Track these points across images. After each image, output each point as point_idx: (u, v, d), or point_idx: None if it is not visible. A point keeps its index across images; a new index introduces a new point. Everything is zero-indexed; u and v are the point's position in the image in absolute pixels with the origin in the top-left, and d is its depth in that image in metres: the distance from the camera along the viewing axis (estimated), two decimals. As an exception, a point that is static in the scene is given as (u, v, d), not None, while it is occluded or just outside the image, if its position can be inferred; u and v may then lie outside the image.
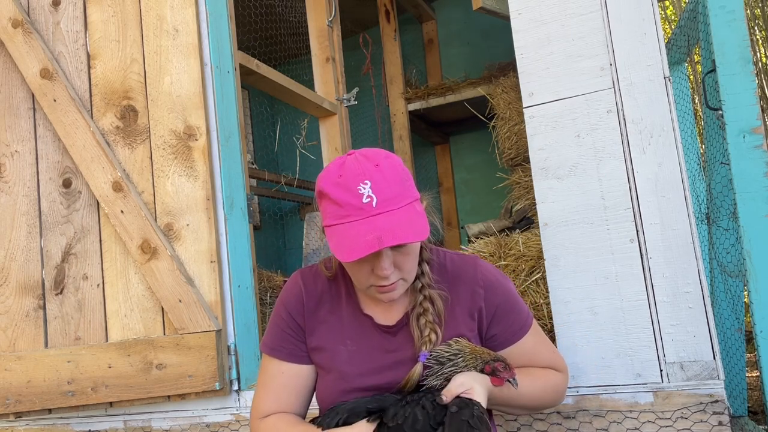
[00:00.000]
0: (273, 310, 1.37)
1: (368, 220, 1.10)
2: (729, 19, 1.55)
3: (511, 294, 1.33)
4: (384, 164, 1.14)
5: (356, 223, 1.10)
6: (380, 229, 1.08)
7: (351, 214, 1.11)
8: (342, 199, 1.11)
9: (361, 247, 1.08)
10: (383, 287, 1.18)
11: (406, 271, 1.19)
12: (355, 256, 1.08)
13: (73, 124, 2.01)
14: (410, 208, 1.14)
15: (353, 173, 1.12)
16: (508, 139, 3.31)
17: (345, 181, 1.12)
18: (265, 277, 2.98)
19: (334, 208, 1.13)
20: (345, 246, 1.10)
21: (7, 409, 1.97)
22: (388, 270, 1.15)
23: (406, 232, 1.09)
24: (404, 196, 1.14)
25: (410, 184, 1.18)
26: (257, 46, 3.72)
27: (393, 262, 1.16)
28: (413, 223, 1.11)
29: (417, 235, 1.10)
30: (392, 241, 1.07)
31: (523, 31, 1.70)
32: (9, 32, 2.09)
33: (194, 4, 1.97)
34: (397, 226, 1.09)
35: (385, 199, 1.11)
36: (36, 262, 2.04)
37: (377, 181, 1.11)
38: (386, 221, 1.09)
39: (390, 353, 1.27)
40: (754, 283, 1.50)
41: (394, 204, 1.12)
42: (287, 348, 1.32)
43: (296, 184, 3.72)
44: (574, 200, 1.61)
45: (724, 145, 1.60)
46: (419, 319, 1.25)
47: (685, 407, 1.47)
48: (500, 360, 1.20)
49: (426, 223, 1.14)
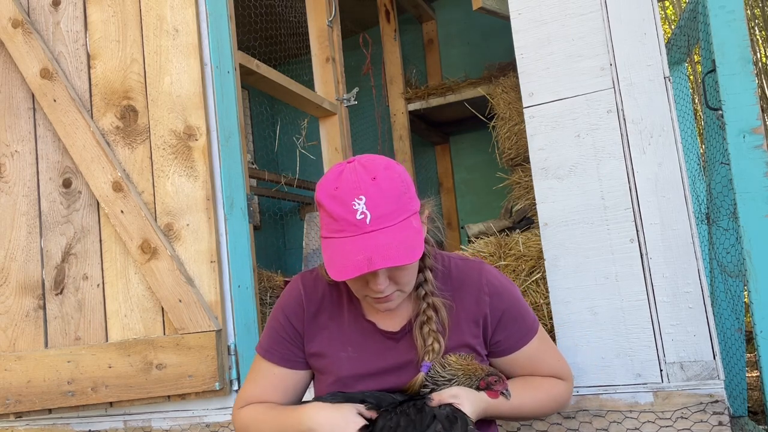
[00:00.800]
0: (271, 313, 1.37)
1: (361, 237, 1.09)
2: (729, 19, 1.55)
3: (516, 300, 1.31)
4: (381, 176, 1.12)
5: (349, 240, 1.09)
6: (371, 248, 1.07)
7: (345, 229, 1.10)
8: (336, 213, 1.10)
9: (351, 266, 1.07)
10: (379, 299, 1.18)
11: (402, 284, 1.18)
12: (345, 276, 1.08)
13: (73, 124, 2.01)
14: (406, 224, 1.12)
15: (349, 186, 1.11)
16: (508, 139, 3.31)
17: (341, 194, 1.11)
18: (265, 277, 2.97)
19: (329, 220, 1.12)
20: (336, 263, 1.10)
21: (7, 409, 1.97)
22: (383, 286, 1.15)
23: (397, 253, 1.07)
24: (400, 211, 1.12)
25: (409, 197, 1.15)
26: (257, 46, 3.72)
27: (389, 276, 1.15)
28: (407, 241, 1.10)
29: (408, 257, 1.08)
30: (382, 263, 1.06)
31: (523, 31, 1.70)
32: (9, 32, 2.09)
33: (194, 4, 1.97)
34: (389, 246, 1.07)
35: (379, 215, 1.09)
36: (36, 262, 2.05)
37: (372, 196, 1.10)
38: (379, 239, 1.08)
39: (392, 359, 1.26)
40: (754, 283, 1.49)
41: (389, 221, 1.10)
42: (281, 352, 1.31)
43: (296, 184, 3.72)
44: (574, 200, 1.61)
45: (724, 145, 1.60)
46: (422, 327, 1.24)
47: (685, 407, 1.47)
48: (493, 374, 1.22)
49: (421, 241, 1.12)
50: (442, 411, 1.14)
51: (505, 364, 1.32)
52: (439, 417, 1.12)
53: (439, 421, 1.11)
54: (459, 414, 1.13)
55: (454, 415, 1.13)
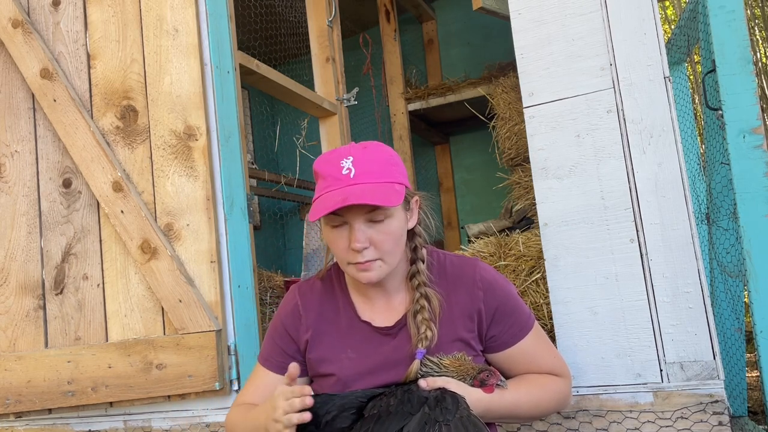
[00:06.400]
0: (271, 322, 1.42)
1: (343, 189, 1.16)
2: (729, 19, 1.54)
3: (510, 295, 1.33)
4: (372, 147, 1.22)
5: (332, 192, 1.17)
6: (349, 192, 1.14)
7: (331, 185, 1.18)
8: (325, 171, 1.20)
9: (327, 206, 1.14)
10: (359, 264, 1.21)
11: (383, 252, 1.21)
12: (319, 214, 1.14)
13: (73, 124, 2.01)
14: (389, 186, 1.18)
15: (340, 152, 1.21)
16: (508, 139, 3.31)
17: (331, 158, 1.21)
18: (265, 277, 2.98)
19: (320, 182, 1.21)
20: (316, 208, 1.17)
21: (7, 409, 1.97)
22: (361, 242, 1.18)
23: (372, 197, 1.13)
24: (385, 174, 1.19)
25: (397, 170, 1.22)
26: (257, 46, 3.72)
27: (369, 238, 1.19)
28: (385, 192, 1.15)
29: (383, 200, 1.13)
30: (355, 200, 1.12)
31: (523, 31, 1.70)
32: (9, 32, 2.09)
33: (194, 4, 1.97)
34: (366, 192, 1.14)
35: (363, 171, 1.17)
36: (36, 262, 2.05)
37: (360, 158, 1.19)
38: (358, 189, 1.15)
39: (389, 354, 1.27)
40: (754, 283, 1.49)
41: (373, 178, 1.17)
42: (278, 360, 1.36)
43: (296, 184, 3.72)
44: (574, 200, 1.61)
45: (724, 145, 1.60)
46: (416, 316, 1.26)
47: (685, 407, 1.47)
48: (484, 370, 1.23)
49: (399, 198, 1.16)
50: (431, 393, 1.15)
51: (501, 360, 1.33)
52: (428, 397, 1.13)
53: (427, 401, 1.12)
54: (448, 393, 1.14)
55: (443, 395, 1.13)
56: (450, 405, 1.09)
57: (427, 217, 1.33)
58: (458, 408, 1.09)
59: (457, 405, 1.10)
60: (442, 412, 1.08)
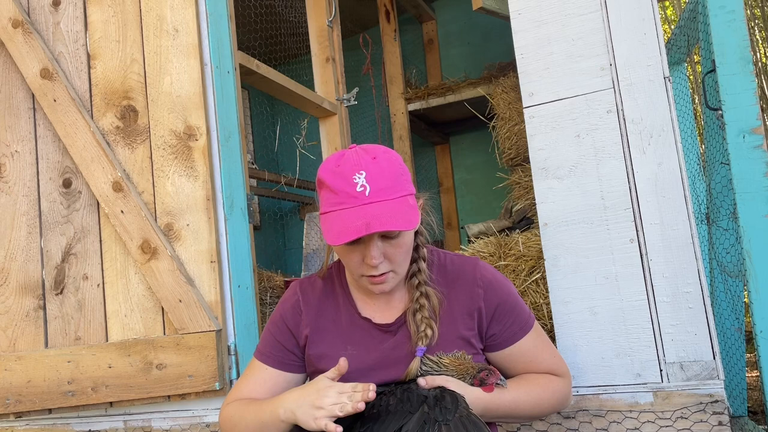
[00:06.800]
0: (270, 318, 1.41)
1: (360, 208, 1.14)
2: (729, 19, 1.55)
3: (510, 294, 1.33)
4: (381, 158, 1.19)
5: (348, 210, 1.14)
6: (370, 216, 1.12)
7: (345, 201, 1.15)
8: (337, 186, 1.16)
9: (349, 231, 1.11)
10: (374, 278, 1.21)
11: (396, 264, 1.21)
12: (342, 240, 1.11)
13: (73, 124, 2.01)
14: (403, 200, 1.17)
15: (350, 164, 1.17)
16: (508, 139, 3.31)
17: (342, 171, 1.17)
18: (265, 277, 2.98)
19: (329, 195, 1.18)
20: (334, 230, 1.14)
21: (7, 409, 1.97)
22: (377, 259, 1.18)
23: (394, 221, 1.12)
24: (398, 188, 1.18)
25: (405, 179, 1.21)
26: (257, 46, 3.72)
27: (383, 252, 1.19)
28: (404, 213, 1.15)
29: (405, 225, 1.13)
30: (379, 227, 1.10)
31: (523, 31, 1.70)
32: (9, 32, 2.09)
33: (194, 4, 1.97)
34: (386, 215, 1.12)
35: (378, 189, 1.15)
36: (36, 262, 2.05)
37: (372, 172, 1.16)
38: (377, 209, 1.13)
39: (390, 351, 1.28)
40: (754, 283, 1.49)
41: (387, 195, 1.15)
42: (276, 356, 1.35)
43: (296, 184, 3.72)
44: (574, 200, 1.61)
45: (724, 145, 1.60)
46: (416, 314, 1.27)
47: (685, 407, 1.47)
48: (484, 369, 1.23)
49: (417, 216, 1.18)
50: (431, 392, 1.15)
51: (501, 359, 1.33)
52: (428, 396, 1.13)
53: (426, 400, 1.12)
54: (448, 392, 1.14)
55: (443, 394, 1.13)
56: (449, 404, 1.09)
57: (428, 216, 1.34)
58: (458, 407, 1.09)
59: (456, 404, 1.10)
60: (441, 411, 1.09)
